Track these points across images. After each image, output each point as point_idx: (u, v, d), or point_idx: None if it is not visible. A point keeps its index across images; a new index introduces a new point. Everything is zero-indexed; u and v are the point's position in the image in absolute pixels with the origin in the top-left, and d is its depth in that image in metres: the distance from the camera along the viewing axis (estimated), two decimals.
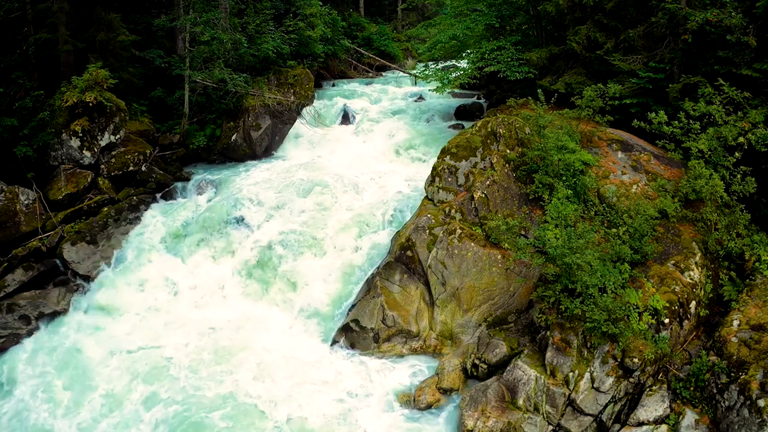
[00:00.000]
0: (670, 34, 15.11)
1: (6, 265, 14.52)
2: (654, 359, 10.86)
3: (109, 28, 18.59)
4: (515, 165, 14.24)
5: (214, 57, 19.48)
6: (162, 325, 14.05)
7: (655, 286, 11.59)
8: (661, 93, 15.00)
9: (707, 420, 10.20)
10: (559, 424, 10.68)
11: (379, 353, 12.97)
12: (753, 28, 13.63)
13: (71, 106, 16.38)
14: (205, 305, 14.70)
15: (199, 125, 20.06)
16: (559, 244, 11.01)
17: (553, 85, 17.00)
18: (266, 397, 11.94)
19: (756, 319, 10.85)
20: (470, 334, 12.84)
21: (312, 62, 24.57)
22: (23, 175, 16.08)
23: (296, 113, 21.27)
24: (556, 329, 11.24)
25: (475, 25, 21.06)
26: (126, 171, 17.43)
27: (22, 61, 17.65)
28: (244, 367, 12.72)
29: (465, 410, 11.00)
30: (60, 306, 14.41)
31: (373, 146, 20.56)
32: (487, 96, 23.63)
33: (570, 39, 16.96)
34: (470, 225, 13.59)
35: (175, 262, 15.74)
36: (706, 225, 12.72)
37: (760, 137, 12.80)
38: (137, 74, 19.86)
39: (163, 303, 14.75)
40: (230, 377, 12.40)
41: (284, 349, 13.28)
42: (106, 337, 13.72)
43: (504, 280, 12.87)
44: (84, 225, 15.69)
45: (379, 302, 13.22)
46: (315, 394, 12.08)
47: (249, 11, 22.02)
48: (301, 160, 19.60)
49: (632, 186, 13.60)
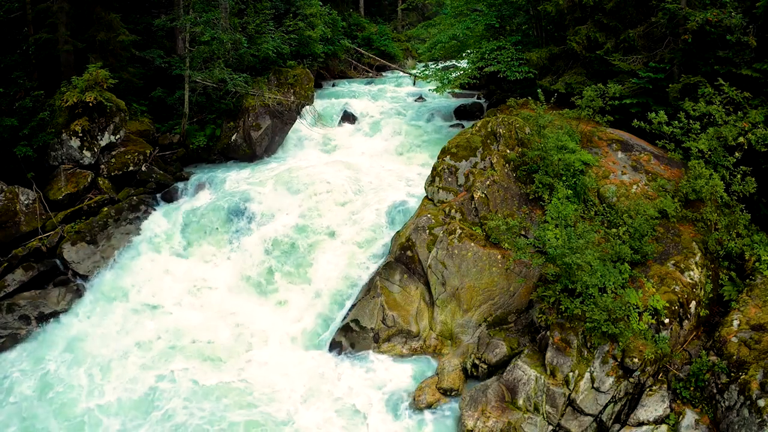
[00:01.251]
0: (670, 34, 15.11)
1: (6, 265, 14.50)
2: (654, 359, 10.86)
3: (109, 28, 18.58)
4: (515, 165, 14.24)
5: (214, 57, 19.47)
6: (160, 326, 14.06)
7: (655, 286, 11.59)
8: (661, 93, 15.00)
9: (707, 420, 10.20)
10: (559, 424, 10.68)
11: (379, 353, 12.97)
12: (753, 28, 13.63)
13: (71, 106, 16.37)
14: (204, 305, 14.69)
15: (199, 125, 20.06)
16: (559, 244, 11.01)
17: (553, 85, 17.00)
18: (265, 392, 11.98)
19: (756, 319, 10.85)
20: (470, 334, 12.84)
21: (312, 62, 24.58)
22: (23, 175, 16.08)
23: (296, 113, 21.26)
24: (556, 329, 11.24)
25: (475, 25, 21.07)
26: (126, 171, 17.42)
27: (22, 61, 17.64)
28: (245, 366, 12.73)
29: (465, 410, 11.00)
30: (60, 306, 14.40)
31: (373, 146, 20.58)
32: (487, 96, 23.64)
33: (570, 39, 16.96)
34: (470, 225, 13.59)
35: (175, 262, 15.73)
36: (706, 225, 12.72)
37: (760, 137, 12.80)
38: (137, 74, 19.85)
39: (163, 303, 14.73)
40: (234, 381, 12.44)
41: (284, 348, 13.30)
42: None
43: (504, 280, 12.87)
44: (84, 225, 15.68)
45: (379, 302, 13.22)
46: (315, 393, 12.09)
47: (249, 11, 22.01)
48: (301, 160, 19.61)
49: (632, 186, 13.60)
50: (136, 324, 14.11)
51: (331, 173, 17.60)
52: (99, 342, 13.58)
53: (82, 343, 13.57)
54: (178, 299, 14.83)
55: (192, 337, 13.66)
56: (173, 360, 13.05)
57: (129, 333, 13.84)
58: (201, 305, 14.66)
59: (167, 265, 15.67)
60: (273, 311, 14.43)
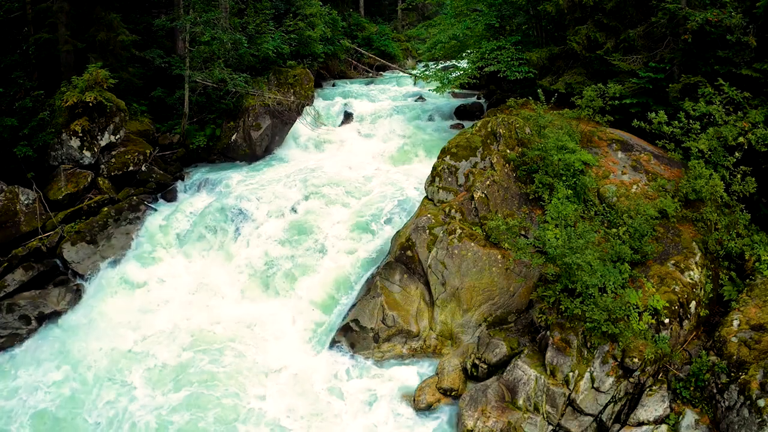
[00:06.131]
0: (670, 34, 15.10)
1: (6, 265, 14.51)
2: (654, 359, 10.86)
3: (109, 28, 18.58)
4: (515, 165, 14.24)
5: (214, 57, 19.48)
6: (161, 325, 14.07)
7: (655, 286, 11.59)
8: (661, 93, 14.99)
9: (707, 420, 10.20)
10: (559, 424, 10.68)
11: (379, 353, 12.97)
12: (753, 28, 13.62)
13: (71, 106, 16.37)
14: (203, 304, 14.68)
15: (199, 125, 20.06)
16: (559, 244, 11.01)
17: (553, 85, 16.99)
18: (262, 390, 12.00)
19: (756, 319, 10.85)
20: (470, 334, 12.84)
21: (312, 62, 24.58)
22: (23, 175, 16.08)
23: (296, 113, 21.26)
24: (556, 329, 11.24)
25: (475, 25, 21.06)
26: (126, 171, 17.42)
27: (22, 61, 17.66)
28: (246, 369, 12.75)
29: (465, 410, 11.00)
30: (60, 306, 14.40)
31: (373, 146, 20.55)
32: (487, 96, 23.62)
33: (570, 39, 16.96)
34: (470, 225, 13.58)
35: (175, 262, 15.75)
36: (706, 225, 12.72)
37: (760, 137, 12.80)
38: (137, 74, 19.86)
39: (162, 303, 14.74)
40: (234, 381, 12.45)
41: (284, 347, 13.32)
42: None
43: (504, 280, 12.87)
44: (84, 225, 15.68)
45: (379, 302, 13.22)
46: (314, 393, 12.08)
47: (249, 11, 22.01)
48: (301, 160, 19.61)
49: (632, 186, 13.60)
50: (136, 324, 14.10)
51: (331, 173, 17.61)
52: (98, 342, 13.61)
53: (81, 343, 13.58)
54: (178, 299, 14.83)
55: (190, 337, 13.64)
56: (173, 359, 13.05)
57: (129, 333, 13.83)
58: (200, 305, 14.65)
59: (167, 265, 15.68)
60: (272, 310, 14.42)
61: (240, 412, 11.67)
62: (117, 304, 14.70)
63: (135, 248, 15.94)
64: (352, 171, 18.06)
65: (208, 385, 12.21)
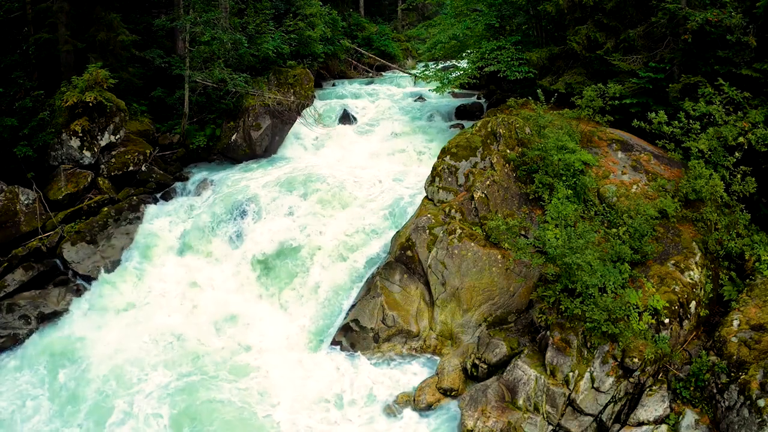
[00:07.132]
0: (670, 34, 15.10)
1: (6, 265, 14.51)
2: (654, 359, 10.86)
3: (109, 28, 18.58)
4: (515, 165, 14.24)
5: (214, 57, 19.47)
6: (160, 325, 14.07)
7: (655, 286, 11.59)
8: (661, 93, 14.99)
9: (707, 420, 10.20)
10: (559, 424, 10.68)
11: (379, 353, 12.97)
12: (753, 28, 13.62)
13: (71, 106, 16.37)
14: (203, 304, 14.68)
15: (199, 125, 20.05)
16: (559, 244, 11.01)
17: (553, 85, 16.99)
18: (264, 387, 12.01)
19: (756, 319, 10.85)
20: (470, 334, 12.84)
21: (312, 62, 24.55)
22: (23, 175, 16.08)
23: (296, 113, 21.25)
24: (556, 329, 11.24)
25: (475, 25, 21.06)
26: (126, 171, 17.42)
27: (22, 61, 17.65)
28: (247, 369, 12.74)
29: (465, 410, 11.00)
30: (60, 306, 14.41)
31: (373, 146, 20.56)
32: (487, 96, 23.62)
33: (570, 39, 16.96)
34: (470, 225, 13.58)
35: (175, 262, 15.74)
36: (706, 225, 12.72)
37: (760, 137, 12.80)
38: (137, 74, 19.85)
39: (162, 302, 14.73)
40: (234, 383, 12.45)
41: (282, 348, 13.32)
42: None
43: (504, 280, 12.87)
44: (84, 225, 15.68)
45: (379, 302, 13.22)
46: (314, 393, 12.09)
47: (249, 11, 22.00)
48: (301, 160, 19.61)
49: (632, 186, 13.60)
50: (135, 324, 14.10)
51: (330, 173, 17.60)
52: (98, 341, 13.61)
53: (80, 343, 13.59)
54: (178, 299, 14.84)
55: (188, 336, 13.65)
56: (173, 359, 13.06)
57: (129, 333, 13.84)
58: (200, 304, 14.66)
59: (167, 265, 15.68)
60: (272, 310, 14.44)
61: (240, 412, 11.66)
62: (117, 304, 14.71)
63: (135, 248, 15.94)
64: (352, 171, 18.06)
65: (208, 386, 12.21)
